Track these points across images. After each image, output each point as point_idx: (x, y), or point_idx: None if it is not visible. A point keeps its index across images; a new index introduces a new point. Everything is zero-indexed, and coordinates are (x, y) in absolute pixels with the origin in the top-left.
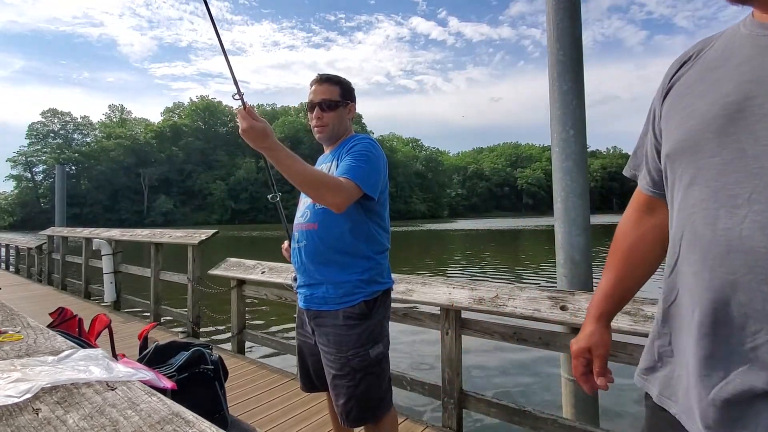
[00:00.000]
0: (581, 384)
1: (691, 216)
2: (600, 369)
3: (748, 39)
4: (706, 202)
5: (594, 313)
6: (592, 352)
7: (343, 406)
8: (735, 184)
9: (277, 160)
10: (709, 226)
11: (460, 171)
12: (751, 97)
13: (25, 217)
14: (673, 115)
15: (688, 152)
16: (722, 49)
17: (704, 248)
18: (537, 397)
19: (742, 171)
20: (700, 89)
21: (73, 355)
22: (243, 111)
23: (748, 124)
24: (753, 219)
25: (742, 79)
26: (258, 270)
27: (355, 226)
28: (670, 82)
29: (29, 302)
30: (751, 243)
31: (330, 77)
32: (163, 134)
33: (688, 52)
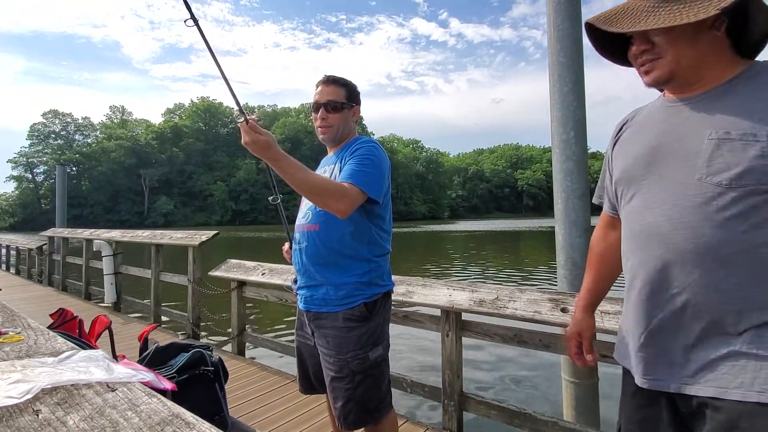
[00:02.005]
0: (575, 361)
1: (629, 218)
2: (587, 347)
3: (660, 109)
4: (638, 208)
5: (581, 305)
6: (581, 335)
7: (342, 408)
8: (655, 194)
9: (281, 168)
10: (638, 222)
11: (461, 172)
12: (663, 142)
13: (25, 217)
14: (618, 157)
15: (628, 179)
16: (647, 115)
17: (636, 237)
18: (537, 400)
19: (659, 186)
20: (634, 140)
21: (74, 356)
22: (246, 126)
23: (662, 158)
24: (663, 214)
25: (658, 131)
26: (258, 271)
27: (356, 228)
28: (616, 138)
29: (30, 303)
30: (662, 229)
31: (337, 79)
32: (164, 135)
33: (626, 117)
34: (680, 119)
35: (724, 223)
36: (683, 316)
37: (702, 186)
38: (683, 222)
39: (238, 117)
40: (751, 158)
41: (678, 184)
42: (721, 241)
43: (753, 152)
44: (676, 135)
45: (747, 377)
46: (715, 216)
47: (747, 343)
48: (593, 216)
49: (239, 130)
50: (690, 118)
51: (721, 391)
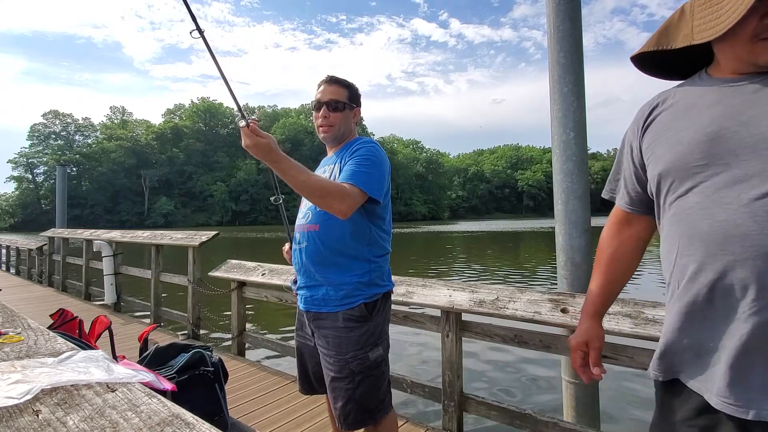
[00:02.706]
0: (580, 374)
1: (689, 217)
2: (595, 360)
3: (712, 89)
4: (702, 203)
5: (589, 311)
6: (588, 345)
7: (342, 408)
8: (725, 188)
9: (282, 170)
10: (705, 221)
11: (461, 173)
12: (724, 127)
13: (25, 218)
14: (660, 144)
15: (681, 170)
16: (690, 97)
17: (703, 238)
18: (538, 400)
19: (729, 179)
20: (681, 125)
21: (74, 356)
22: (247, 129)
23: (726, 146)
24: (745, 212)
25: (715, 115)
26: (258, 272)
27: (356, 228)
28: (645, 123)
29: (30, 304)
30: (745, 229)
31: (339, 79)
32: (164, 136)
33: (653, 101)
34: (743, 100)
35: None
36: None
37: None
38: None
39: (239, 121)
40: None
41: (756, 176)
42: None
43: None
44: (740, 119)
45: None
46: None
47: None
48: (593, 216)
49: (240, 131)
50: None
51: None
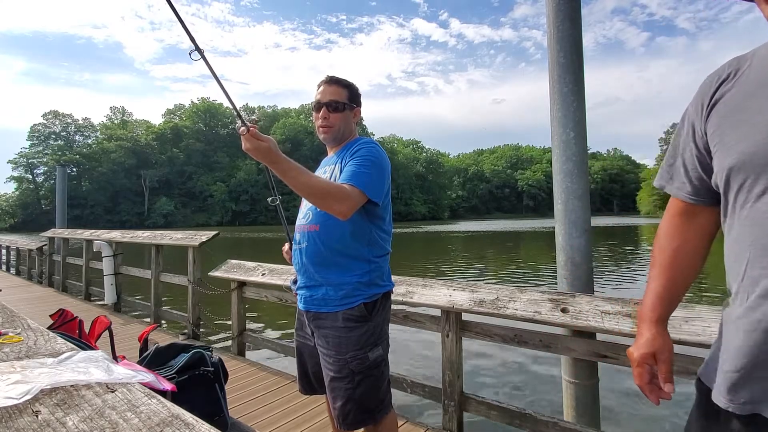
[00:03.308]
0: (647, 394)
1: (765, 222)
2: (666, 375)
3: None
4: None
5: (652, 317)
6: (657, 357)
7: (341, 408)
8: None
9: (282, 172)
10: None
11: (461, 173)
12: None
13: (26, 218)
14: (730, 130)
15: (758, 164)
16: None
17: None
18: (538, 400)
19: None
20: (757, 105)
21: (73, 356)
22: (247, 134)
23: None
24: None
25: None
26: (258, 272)
27: (356, 228)
28: (712, 99)
29: (29, 304)
30: None
31: (339, 79)
32: (164, 136)
33: (723, 70)
34: None
35: None
36: None
37: None
38: None
39: (240, 128)
40: None
41: None
42: None
43: None
44: None
45: None
46: None
47: None
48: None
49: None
50: None
51: None
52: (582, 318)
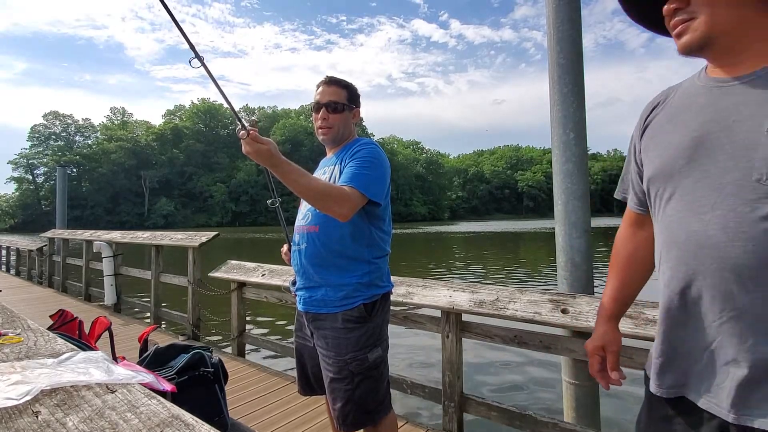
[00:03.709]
0: (599, 380)
1: (670, 224)
2: (613, 364)
3: (703, 89)
4: (681, 212)
5: (605, 315)
6: (606, 349)
7: (341, 410)
8: (702, 197)
9: (282, 174)
10: (682, 230)
11: (461, 173)
12: (708, 132)
13: (26, 219)
14: (652, 148)
15: (666, 175)
16: (685, 97)
17: (679, 247)
18: (538, 401)
19: (707, 187)
20: (670, 127)
21: (73, 357)
22: (247, 137)
23: (710, 153)
24: (713, 221)
25: (703, 120)
26: (258, 272)
27: (356, 229)
28: (645, 122)
29: (29, 304)
30: (715, 240)
31: (338, 80)
32: (164, 136)
33: (656, 99)
34: (729, 103)
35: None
36: (743, 342)
37: (760, 189)
38: (743, 232)
39: (240, 131)
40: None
41: (731, 185)
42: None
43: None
44: (724, 123)
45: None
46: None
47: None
48: (593, 217)
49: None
50: (743, 102)
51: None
52: (582, 319)
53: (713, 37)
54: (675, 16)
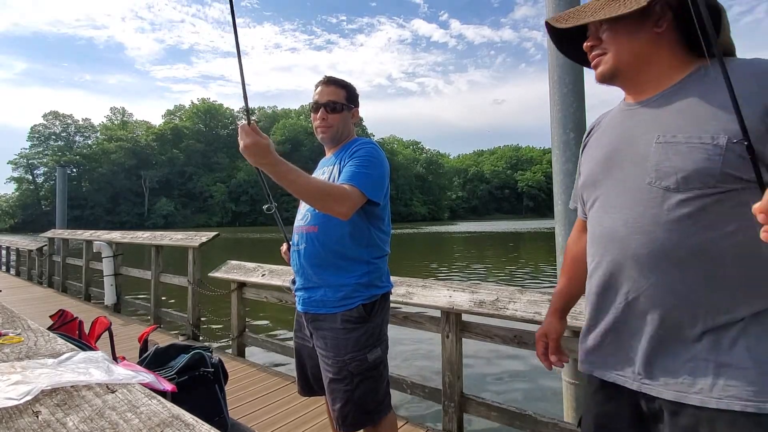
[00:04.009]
0: (542, 361)
1: (592, 224)
2: (553, 349)
3: (619, 114)
4: (599, 213)
5: (551, 308)
6: (548, 336)
7: (340, 410)
8: (613, 199)
9: (280, 175)
10: (598, 226)
11: (461, 173)
12: (618, 146)
13: (26, 219)
14: (584, 163)
15: (591, 184)
16: (609, 121)
17: (596, 241)
18: (538, 401)
19: (617, 192)
20: (596, 144)
21: (74, 357)
22: (248, 126)
23: (617, 162)
24: (620, 219)
25: (615, 135)
26: (258, 272)
27: (355, 229)
28: (584, 143)
29: (29, 304)
30: (620, 234)
31: (337, 80)
32: (164, 136)
33: (594, 122)
34: (633, 122)
35: (675, 227)
36: (642, 319)
37: (652, 190)
38: (638, 226)
39: (240, 119)
40: (697, 161)
41: (632, 188)
42: (673, 244)
43: (698, 155)
44: (629, 139)
45: (706, 383)
46: (666, 219)
47: (707, 350)
48: None
49: (239, 140)
50: (642, 121)
51: (680, 396)
52: (582, 319)
53: (620, 69)
54: (592, 51)
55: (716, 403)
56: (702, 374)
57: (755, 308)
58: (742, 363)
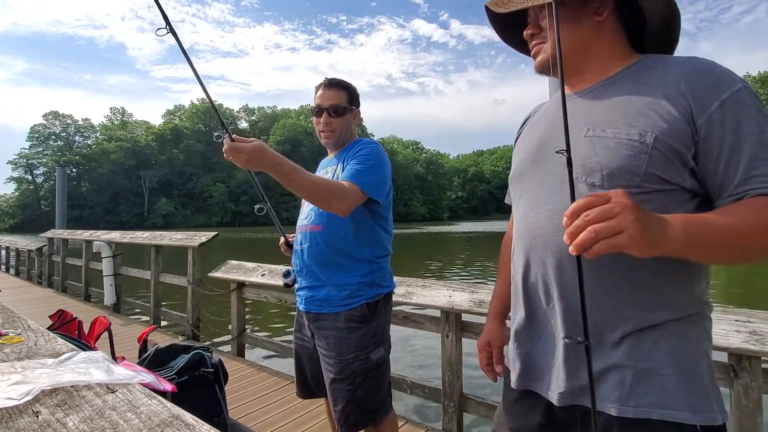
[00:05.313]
0: (487, 374)
1: (518, 219)
2: (498, 358)
3: (554, 102)
4: (524, 207)
5: (491, 313)
6: (491, 344)
7: (342, 410)
8: (539, 193)
9: (281, 174)
10: (524, 222)
11: (461, 173)
12: (548, 138)
13: (25, 219)
14: (515, 155)
15: (518, 177)
16: (543, 111)
17: (521, 238)
18: None
19: (544, 185)
20: (527, 136)
21: (74, 357)
22: (232, 142)
23: (545, 155)
24: (545, 214)
25: (546, 126)
26: (258, 272)
27: (359, 228)
28: (517, 133)
29: (29, 305)
30: (545, 230)
31: (338, 82)
32: (164, 136)
33: (530, 112)
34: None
35: None
36: (564, 323)
37: (579, 186)
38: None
39: (219, 138)
40: (622, 158)
41: (559, 182)
42: None
43: (624, 152)
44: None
45: (624, 391)
46: None
47: (626, 356)
48: None
49: (239, 132)
50: (576, 113)
51: (599, 404)
52: None
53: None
54: (532, 40)
55: (633, 412)
56: (620, 381)
57: (676, 312)
58: (662, 369)
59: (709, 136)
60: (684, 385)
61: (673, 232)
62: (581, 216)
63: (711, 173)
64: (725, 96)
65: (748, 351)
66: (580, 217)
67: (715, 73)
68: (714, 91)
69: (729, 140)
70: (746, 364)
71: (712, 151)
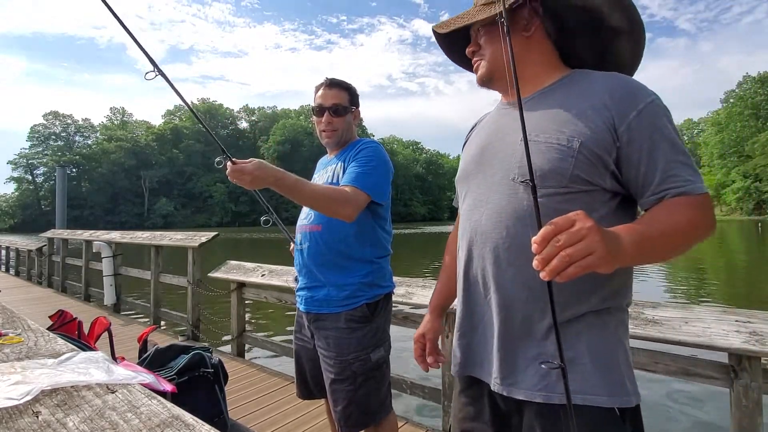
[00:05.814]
0: (419, 364)
1: (463, 218)
2: (430, 349)
3: (496, 113)
4: (469, 206)
5: (430, 306)
6: (425, 336)
7: (342, 411)
8: (481, 193)
9: (285, 187)
10: (467, 220)
11: None
12: (490, 143)
13: (25, 219)
14: (461, 159)
15: (463, 178)
16: (487, 119)
17: (465, 236)
18: None
19: (486, 186)
20: (472, 141)
21: (74, 357)
22: (233, 165)
23: (488, 158)
24: (485, 213)
25: (489, 132)
26: (258, 273)
27: (360, 229)
28: (465, 139)
29: (29, 305)
30: (486, 228)
31: (339, 82)
32: (164, 136)
33: (477, 120)
34: (506, 121)
35: (531, 222)
36: (499, 315)
37: (514, 186)
38: (500, 221)
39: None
40: (552, 161)
41: (497, 183)
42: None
43: (554, 155)
44: (499, 136)
45: (551, 379)
46: (524, 215)
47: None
48: None
49: (239, 132)
50: (512, 120)
51: (528, 394)
52: None
53: (495, 71)
54: (473, 57)
55: (559, 398)
56: (547, 372)
57: (597, 305)
58: (583, 358)
59: (631, 142)
60: (602, 373)
61: (624, 244)
62: (551, 242)
63: (633, 174)
64: (642, 106)
65: (748, 351)
66: (550, 244)
67: (633, 86)
68: (632, 102)
69: (647, 145)
70: (746, 365)
71: (633, 155)
